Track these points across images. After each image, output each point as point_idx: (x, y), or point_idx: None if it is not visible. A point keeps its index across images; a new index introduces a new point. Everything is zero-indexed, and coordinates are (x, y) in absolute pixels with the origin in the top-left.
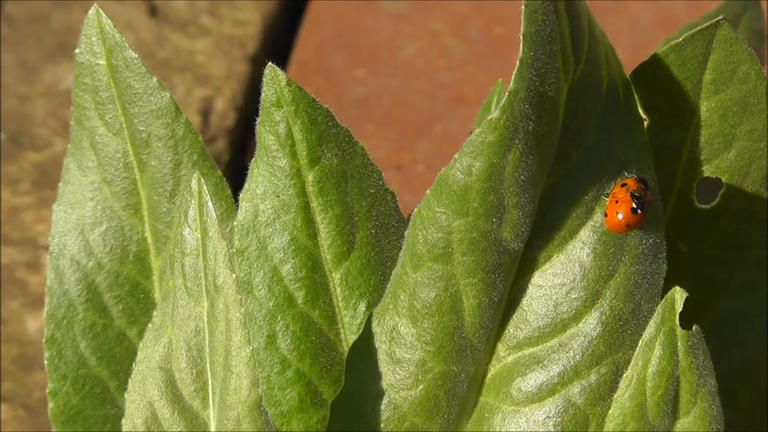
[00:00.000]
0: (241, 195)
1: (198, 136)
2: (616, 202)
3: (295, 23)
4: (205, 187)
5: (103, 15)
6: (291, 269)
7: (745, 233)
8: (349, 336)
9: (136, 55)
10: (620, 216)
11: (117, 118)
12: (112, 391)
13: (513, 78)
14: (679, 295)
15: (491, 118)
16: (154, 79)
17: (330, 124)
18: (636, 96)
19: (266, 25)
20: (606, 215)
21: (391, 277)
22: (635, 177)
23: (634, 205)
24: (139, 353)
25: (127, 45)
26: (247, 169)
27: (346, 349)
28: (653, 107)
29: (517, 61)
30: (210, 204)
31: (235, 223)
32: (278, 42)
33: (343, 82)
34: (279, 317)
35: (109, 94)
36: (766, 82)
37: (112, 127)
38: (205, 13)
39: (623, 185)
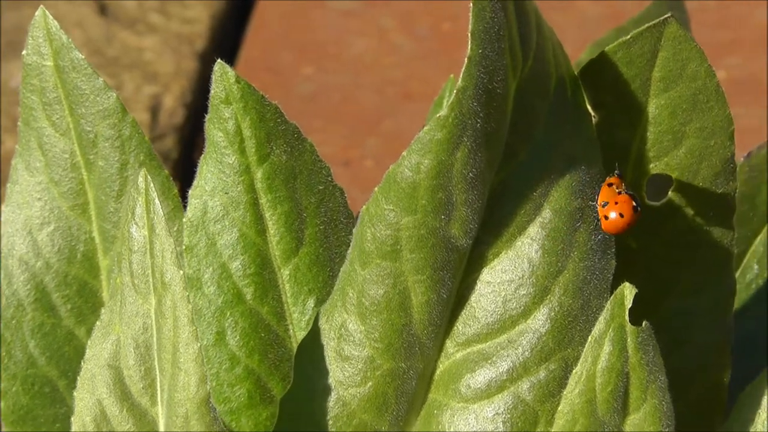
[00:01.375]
0: (190, 192)
1: (144, 136)
2: (616, 203)
3: (243, 21)
4: (152, 185)
5: (50, 16)
6: (240, 266)
7: (695, 232)
8: (298, 332)
9: (83, 57)
10: (623, 216)
11: (64, 118)
12: (61, 390)
13: (461, 76)
14: (628, 292)
15: (440, 116)
16: (101, 79)
17: (279, 120)
18: (584, 93)
19: (215, 23)
20: (605, 218)
21: (340, 274)
22: (616, 174)
23: (635, 204)
24: (87, 351)
25: (74, 46)
26: (196, 165)
27: (295, 345)
28: (602, 104)
29: (466, 59)
30: (157, 201)
31: (184, 219)
32: (227, 39)
33: (292, 78)
34: (228, 314)
35: (57, 95)
36: (716, 79)
37: (59, 127)
38: (154, 11)
39: (610, 185)
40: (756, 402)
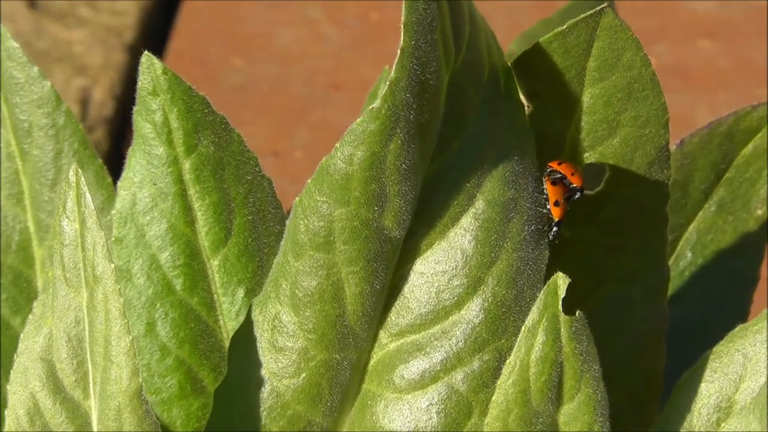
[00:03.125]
0: (119, 184)
1: (79, 125)
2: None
3: (171, 13)
4: (82, 179)
5: None
6: (169, 257)
7: (629, 220)
8: (228, 322)
9: (18, 45)
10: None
11: None
12: None
13: (394, 67)
14: (561, 281)
15: (373, 108)
16: (36, 68)
17: (206, 111)
18: (518, 83)
19: (143, 15)
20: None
21: (273, 265)
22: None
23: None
24: (20, 344)
25: (9, 35)
26: (125, 158)
27: (226, 335)
28: (537, 95)
29: (398, 51)
30: (88, 195)
31: (113, 212)
32: (155, 31)
33: (220, 70)
34: (158, 305)
35: None
36: (651, 68)
37: None
38: (83, 4)
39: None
40: (692, 390)
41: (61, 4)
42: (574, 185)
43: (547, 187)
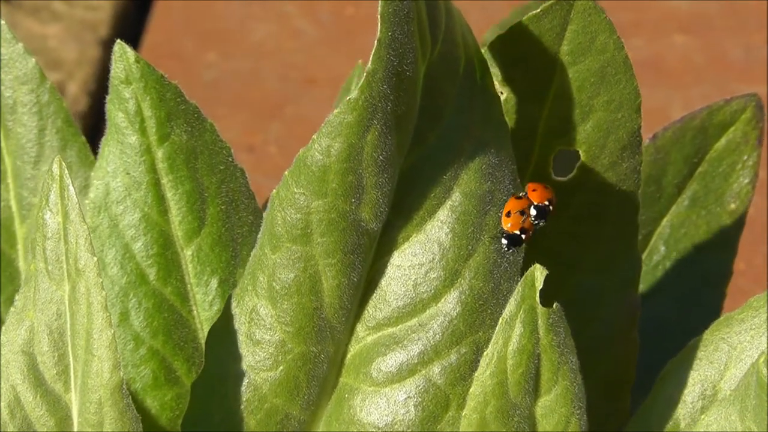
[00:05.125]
0: (92, 173)
1: (63, 102)
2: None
3: (146, 8)
4: (66, 170)
5: None
6: (143, 246)
7: (602, 207)
8: (201, 312)
9: (3, 22)
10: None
11: None
12: None
13: (371, 58)
14: (539, 273)
15: (350, 99)
16: (20, 44)
17: (179, 100)
18: (493, 71)
19: (118, 10)
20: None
21: (250, 258)
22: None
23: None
24: (2, 337)
25: None
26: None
27: (199, 325)
28: (510, 80)
29: (375, 42)
30: (71, 188)
31: (86, 201)
32: (130, 26)
33: (194, 65)
34: (131, 294)
35: None
36: (624, 51)
37: None
38: None
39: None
40: (677, 378)
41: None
42: (532, 201)
43: (511, 198)
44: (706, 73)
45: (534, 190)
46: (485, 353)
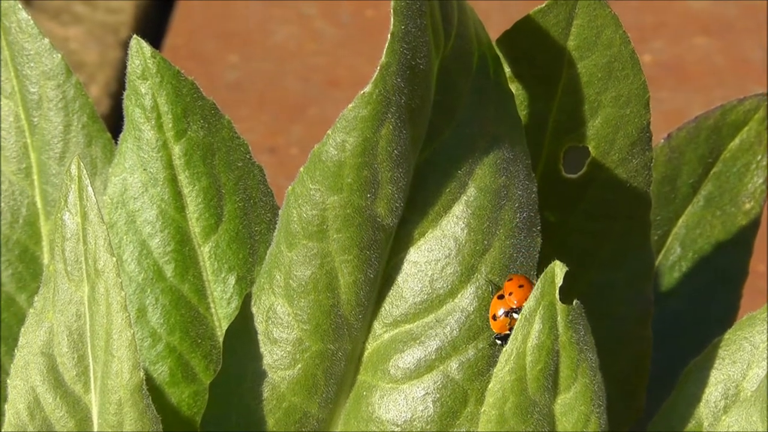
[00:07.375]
0: (110, 170)
1: (88, 98)
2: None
3: (167, 10)
4: (84, 171)
5: None
6: (160, 243)
7: (613, 203)
8: (219, 309)
9: (29, 17)
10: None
11: (9, 80)
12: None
13: (385, 52)
14: (559, 269)
15: (363, 93)
16: (47, 40)
17: (195, 96)
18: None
19: (139, 12)
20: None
21: (267, 256)
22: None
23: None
24: (21, 338)
25: (21, 6)
26: None
27: (217, 322)
28: (518, 76)
29: (389, 35)
30: (90, 188)
31: (104, 197)
32: (151, 28)
33: (216, 66)
34: (148, 291)
35: (2, 56)
36: (630, 46)
37: (4, 90)
38: (79, 2)
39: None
40: (700, 377)
41: (57, 2)
42: (514, 305)
43: (493, 299)
44: (726, 75)
45: (521, 286)
46: (504, 349)
